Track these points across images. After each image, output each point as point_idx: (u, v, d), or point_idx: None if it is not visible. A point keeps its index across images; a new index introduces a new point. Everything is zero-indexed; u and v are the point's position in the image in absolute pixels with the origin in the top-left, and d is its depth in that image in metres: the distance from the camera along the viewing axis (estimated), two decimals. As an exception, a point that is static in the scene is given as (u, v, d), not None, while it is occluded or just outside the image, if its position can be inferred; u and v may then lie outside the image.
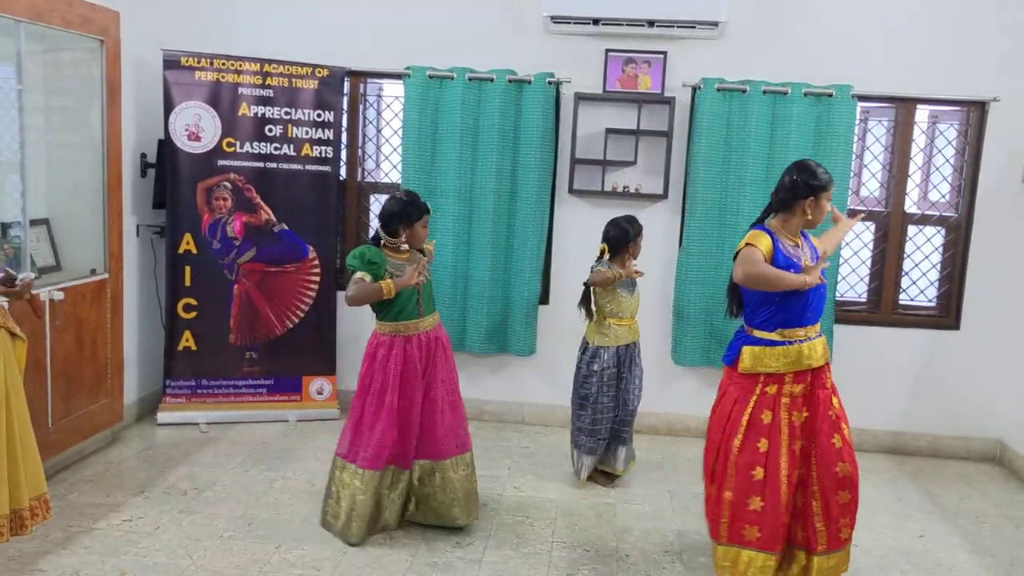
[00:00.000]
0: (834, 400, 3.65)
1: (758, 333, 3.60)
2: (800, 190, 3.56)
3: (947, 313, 5.66)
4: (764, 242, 3.55)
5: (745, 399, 3.60)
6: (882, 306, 5.68)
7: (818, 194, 3.56)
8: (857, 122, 5.47)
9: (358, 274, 3.95)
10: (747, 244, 3.56)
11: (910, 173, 5.62)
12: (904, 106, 5.54)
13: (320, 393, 5.82)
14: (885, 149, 5.70)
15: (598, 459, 4.91)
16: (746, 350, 3.61)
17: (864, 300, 5.75)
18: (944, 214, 5.65)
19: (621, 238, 4.71)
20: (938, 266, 5.71)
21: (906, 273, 5.71)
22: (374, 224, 6.01)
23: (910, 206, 5.68)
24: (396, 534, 4.18)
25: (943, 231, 5.67)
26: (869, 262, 5.74)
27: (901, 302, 5.73)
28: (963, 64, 5.39)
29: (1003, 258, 5.47)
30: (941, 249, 5.69)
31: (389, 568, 3.87)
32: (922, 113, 5.64)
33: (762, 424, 3.55)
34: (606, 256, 4.72)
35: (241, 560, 3.85)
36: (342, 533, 4.09)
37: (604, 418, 4.78)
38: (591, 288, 4.78)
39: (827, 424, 3.59)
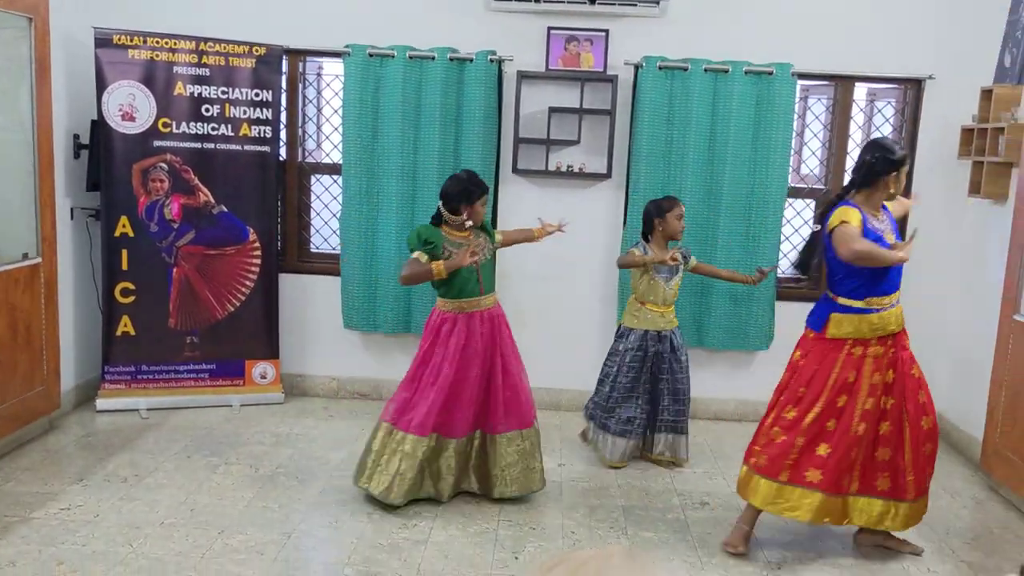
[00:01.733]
0: (915, 365, 3.90)
1: (846, 301, 3.82)
2: (882, 166, 3.78)
3: (885, 288, 5.74)
4: (856, 217, 3.76)
5: (832, 360, 3.83)
6: (822, 282, 5.73)
7: (899, 168, 3.81)
8: (797, 100, 5.52)
9: (415, 254, 4.13)
10: (842, 222, 3.73)
11: (849, 150, 5.69)
12: (843, 84, 5.60)
13: (264, 377, 5.75)
14: (824, 127, 5.77)
15: (635, 444, 4.95)
16: (834, 317, 3.85)
17: (805, 276, 5.81)
18: (882, 190, 5.72)
19: (647, 218, 4.86)
20: (876, 242, 5.79)
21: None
22: (315, 205, 5.94)
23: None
24: (342, 516, 4.15)
25: (881, 207, 5.75)
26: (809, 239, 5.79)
27: (841, 278, 5.80)
28: (900, 43, 5.46)
29: (939, 233, 5.57)
30: (879, 225, 5.77)
31: (334, 550, 3.85)
32: (860, 91, 5.72)
33: (847, 383, 3.81)
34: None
35: (183, 547, 3.80)
36: (384, 495, 4.15)
37: (623, 398, 4.86)
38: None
39: (912, 382, 3.86)
